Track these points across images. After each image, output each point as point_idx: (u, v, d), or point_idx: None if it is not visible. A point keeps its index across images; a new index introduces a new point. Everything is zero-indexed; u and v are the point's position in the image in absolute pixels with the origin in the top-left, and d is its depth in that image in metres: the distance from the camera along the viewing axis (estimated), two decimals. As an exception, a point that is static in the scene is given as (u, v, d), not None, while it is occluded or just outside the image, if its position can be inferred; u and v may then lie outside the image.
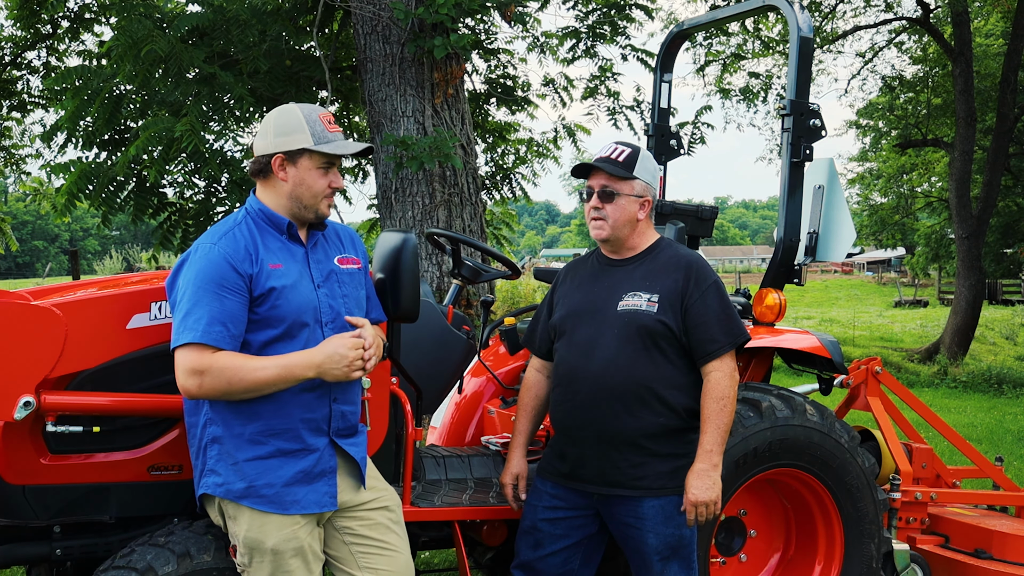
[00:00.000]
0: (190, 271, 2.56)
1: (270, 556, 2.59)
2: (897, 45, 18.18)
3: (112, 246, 63.46)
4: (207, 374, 2.48)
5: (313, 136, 2.64)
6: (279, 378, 2.54)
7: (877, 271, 58.42)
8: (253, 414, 2.58)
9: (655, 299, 3.08)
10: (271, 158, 2.66)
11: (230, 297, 2.53)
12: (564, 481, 3.18)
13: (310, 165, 2.66)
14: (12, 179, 14.64)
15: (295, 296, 2.63)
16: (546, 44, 7.97)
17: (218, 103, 6.72)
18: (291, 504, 2.61)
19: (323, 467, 2.68)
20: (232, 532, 2.66)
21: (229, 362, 2.49)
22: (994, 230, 25.28)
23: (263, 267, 2.60)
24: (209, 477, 2.63)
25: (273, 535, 2.59)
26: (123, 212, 7.24)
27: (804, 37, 4.02)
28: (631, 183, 3.14)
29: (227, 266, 2.54)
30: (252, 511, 2.59)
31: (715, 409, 3.02)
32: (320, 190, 2.68)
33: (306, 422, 2.64)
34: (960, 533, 4.36)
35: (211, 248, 2.57)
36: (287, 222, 2.70)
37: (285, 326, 2.61)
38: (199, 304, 2.50)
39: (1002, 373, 13.84)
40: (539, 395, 3.37)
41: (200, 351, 2.48)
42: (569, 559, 3.19)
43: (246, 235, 2.64)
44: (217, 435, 2.61)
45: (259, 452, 2.60)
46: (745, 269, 64.10)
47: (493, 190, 8.55)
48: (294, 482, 2.62)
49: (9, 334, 2.65)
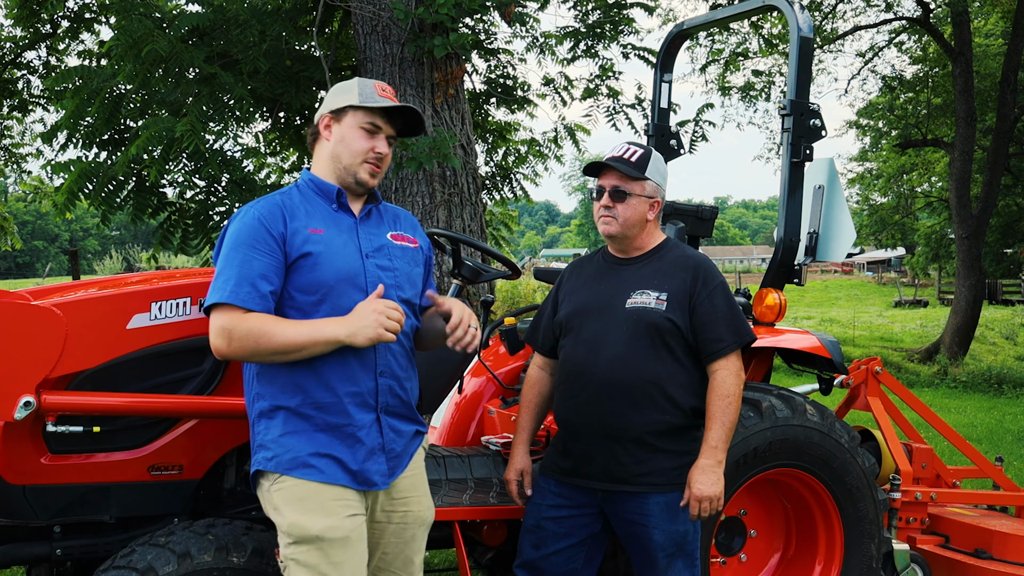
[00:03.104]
0: (228, 235, 2.58)
1: (316, 543, 2.50)
2: (897, 45, 18.20)
3: (112, 246, 63.48)
4: (235, 333, 2.46)
5: (360, 95, 2.65)
6: (309, 339, 2.48)
7: (877, 271, 58.44)
8: (297, 388, 2.55)
9: (663, 297, 3.09)
10: (322, 119, 2.69)
11: (260, 257, 2.51)
12: (568, 478, 3.17)
13: (353, 123, 2.65)
14: (12, 179, 14.65)
15: (338, 262, 2.59)
16: (546, 44, 7.96)
17: (218, 103, 6.71)
18: (340, 475, 2.55)
19: (372, 444, 2.61)
20: (278, 526, 2.57)
21: (258, 322, 2.47)
22: (994, 230, 25.28)
23: (300, 230, 2.57)
24: (259, 452, 2.59)
25: (319, 521, 2.51)
26: (123, 212, 7.23)
27: (804, 37, 4.02)
28: (642, 184, 3.15)
29: (260, 226, 2.54)
30: (295, 491, 2.52)
31: (721, 407, 3.03)
32: (360, 150, 2.64)
33: (352, 396, 2.58)
34: (960, 533, 4.36)
35: (247, 211, 2.58)
36: (336, 189, 2.67)
37: (325, 291, 2.56)
38: (229, 265, 2.51)
39: (1002, 373, 13.85)
40: (542, 392, 3.37)
41: (230, 311, 2.47)
42: (572, 558, 3.19)
43: (289, 200, 2.64)
44: (264, 409, 2.58)
45: (305, 426, 2.55)
46: (745, 269, 64.12)
47: (493, 190, 8.55)
48: (343, 456, 2.56)
49: (9, 334, 2.64)
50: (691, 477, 3.02)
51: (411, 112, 2.71)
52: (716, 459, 3.01)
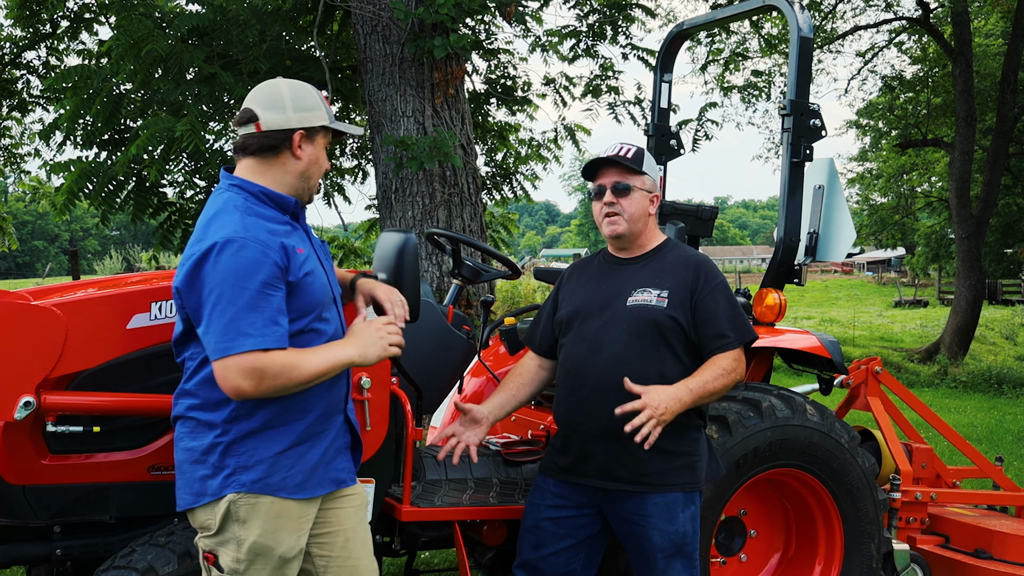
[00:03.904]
0: (225, 269, 2.39)
1: (275, 563, 2.50)
2: (897, 45, 18.20)
3: (112, 246, 63.50)
4: (267, 374, 2.36)
5: (327, 114, 2.61)
6: (330, 365, 2.48)
7: (877, 271, 58.42)
8: (284, 406, 2.51)
9: (664, 295, 3.09)
10: (291, 133, 2.55)
11: (275, 293, 2.42)
12: (566, 476, 3.17)
13: (323, 144, 2.63)
14: (12, 179, 14.65)
15: (320, 277, 2.58)
16: (547, 43, 7.97)
17: (218, 103, 6.72)
18: (316, 486, 2.55)
19: (340, 443, 2.65)
20: (231, 536, 2.49)
21: (286, 359, 2.40)
22: (994, 230, 25.29)
23: (292, 254, 2.49)
24: (242, 475, 2.47)
25: (285, 541, 2.50)
26: (123, 212, 7.24)
27: (804, 37, 4.02)
28: (641, 178, 3.16)
29: (268, 261, 2.42)
30: (271, 509, 2.48)
31: (712, 371, 3.00)
32: (324, 169, 2.65)
33: (329, 402, 2.60)
34: (960, 533, 4.36)
35: (243, 244, 2.40)
36: (294, 201, 2.60)
37: (319, 309, 2.55)
38: (249, 306, 2.37)
39: (1002, 373, 13.85)
40: (529, 380, 3.32)
41: (256, 353, 2.36)
42: (572, 559, 3.18)
43: (265, 223, 2.50)
44: (252, 429, 2.48)
45: (291, 440, 2.52)
46: (745, 269, 64.11)
47: (494, 190, 8.55)
48: (319, 464, 2.56)
49: (9, 334, 2.64)
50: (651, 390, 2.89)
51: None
52: (682, 393, 2.91)
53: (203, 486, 2.48)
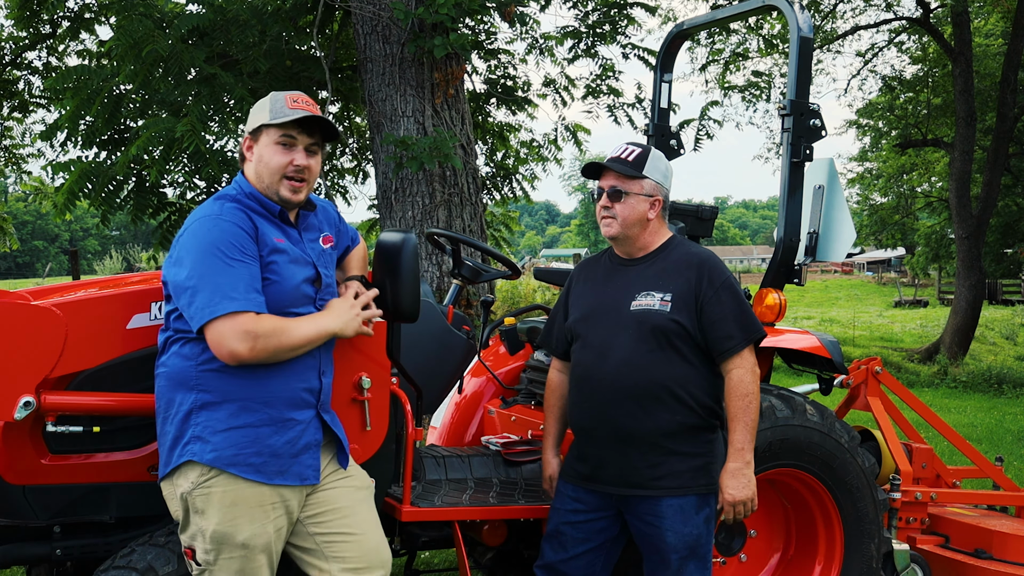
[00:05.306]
0: (202, 241, 2.54)
1: (240, 551, 2.55)
2: (897, 45, 18.20)
3: (112, 246, 63.46)
4: (260, 337, 2.48)
5: (271, 112, 2.68)
6: (316, 333, 2.62)
7: (877, 271, 58.43)
8: (249, 381, 2.56)
9: (668, 298, 3.08)
10: (243, 143, 2.76)
11: (252, 263, 2.56)
12: (585, 483, 3.18)
13: (268, 141, 2.69)
14: (12, 179, 14.66)
15: (290, 279, 2.65)
16: (546, 45, 7.97)
17: (219, 103, 6.72)
18: (275, 475, 2.58)
19: (308, 439, 2.67)
20: (196, 529, 2.57)
21: (275, 323, 2.53)
22: (994, 230, 25.27)
23: (263, 233, 2.63)
24: (195, 444, 2.54)
25: (245, 528, 2.55)
26: (123, 212, 7.24)
27: (804, 37, 4.02)
28: (640, 182, 3.15)
29: (242, 233, 2.56)
30: (227, 496, 2.53)
31: (741, 407, 3.03)
32: (277, 166, 2.67)
33: (299, 392, 2.64)
34: (960, 533, 4.36)
35: (218, 219, 2.58)
36: (279, 209, 2.73)
37: (288, 300, 2.64)
38: (228, 272, 2.50)
39: (1002, 373, 13.84)
40: (564, 395, 3.38)
41: (244, 316, 2.48)
42: (592, 563, 3.20)
43: (244, 210, 2.66)
44: (208, 401, 2.55)
45: (251, 420, 2.56)
46: (745, 269, 64.13)
47: (493, 190, 8.55)
48: (282, 453, 2.60)
49: (9, 334, 2.64)
50: (722, 482, 3.04)
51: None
52: (744, 460, 3.03)
53: (168, 456, 2.60)
